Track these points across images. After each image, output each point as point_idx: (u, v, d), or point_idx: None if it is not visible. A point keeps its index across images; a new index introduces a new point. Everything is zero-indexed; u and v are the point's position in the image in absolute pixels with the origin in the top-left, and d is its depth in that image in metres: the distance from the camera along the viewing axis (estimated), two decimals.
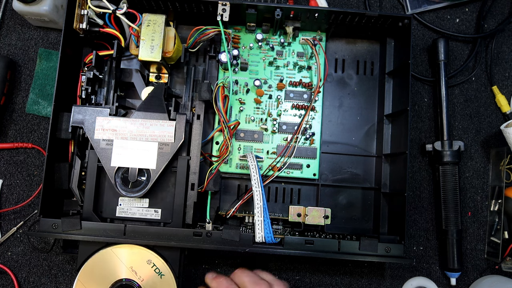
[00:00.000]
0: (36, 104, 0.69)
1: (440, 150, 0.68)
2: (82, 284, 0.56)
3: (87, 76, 0.60)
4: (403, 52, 0.65)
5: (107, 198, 0.61)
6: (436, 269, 0.69)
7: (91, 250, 0.57)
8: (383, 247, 0.59)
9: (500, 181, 0.69)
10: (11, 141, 0.69)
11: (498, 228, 0.69)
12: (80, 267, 0.57)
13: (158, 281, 0.57)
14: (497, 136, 0.72)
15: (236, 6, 0.61)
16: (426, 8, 0.74)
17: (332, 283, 0.69)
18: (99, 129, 0.58)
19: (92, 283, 0.57)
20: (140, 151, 0.58)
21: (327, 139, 0.69)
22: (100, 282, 0.57)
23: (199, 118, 0.62)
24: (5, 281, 0.66)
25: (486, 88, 0.73)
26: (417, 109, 0.72)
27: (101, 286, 0.57)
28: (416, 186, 0.71)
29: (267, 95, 0.67)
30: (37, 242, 0.67)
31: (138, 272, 0.57)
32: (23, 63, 0.70)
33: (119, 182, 0.59)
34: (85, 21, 0.61)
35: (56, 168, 0.60)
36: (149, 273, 0.57)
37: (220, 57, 0.63)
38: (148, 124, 0.58)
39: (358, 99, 0.70)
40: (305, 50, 0.68)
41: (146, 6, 0.63)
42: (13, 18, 0.71)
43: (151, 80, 0.65)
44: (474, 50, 0.73)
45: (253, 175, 0.58)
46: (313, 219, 0.62)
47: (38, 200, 0.66)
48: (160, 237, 0.57)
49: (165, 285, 0.57)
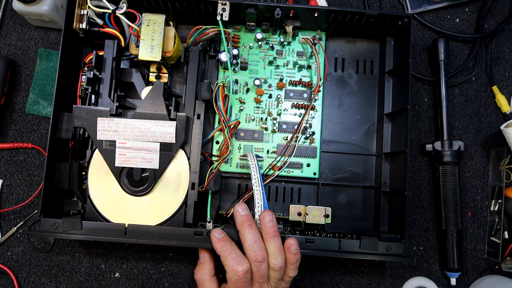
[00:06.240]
0: (36, 104, 0.69)
1: (440, 150, 0.68)
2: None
3: (87, 76, 0.60)
4: (403, 51, 0.65)
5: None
6: (436, 269, 0.69)
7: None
8: (383, 245, 0.59)
9: (500, 181, 0.69)
10: (11, 141, 0.69)
11: (498, 228, 0.69)
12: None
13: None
14: (497, 136, 0.72)
15: (235, 5, 0.61)
16: (426, 8, 0.74)
17: (332, 283, 0.69)
18: (101, 130, 0.58)
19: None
20: (142, 152, 0.58)
21: (327, 138, 0.69)
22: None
23: (199, 118, 0.62)
24: (5, 281, 0.66)
25: (486, 88, 0.74)
26: (417, 109, 0.72)
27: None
28: (416, 186, 0.71)
29: (267, 94, 0.67)
30: (37, 242, 0.67)
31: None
32: (23, 63, 0.70)
33: (126, 182, 0.59)
34: (85, 21, 0.61)
35: (56, 168, 0.60)
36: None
37: (220, 56, 0.64)
38: (149, 125, 0.58)
39: (358, 98, 0.70)
40: (305, 49, 0.68)
41: (146, 6, 0.63)
42: (13, 18, 0.71)
43: (151, 80, 0.65)
44: (474, 50, 0.73)
45: (254, 175, 0.58)
46: (314, 218, 0.62)
47: (38, 200, 0.66)
48: (161, 236, 0.57)
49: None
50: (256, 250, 0.54)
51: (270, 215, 0.55)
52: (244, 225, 0.55)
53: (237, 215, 0.56)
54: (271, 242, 0.54)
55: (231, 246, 0.55)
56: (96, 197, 0.60)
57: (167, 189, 0.60)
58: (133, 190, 0.59)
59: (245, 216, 0.55)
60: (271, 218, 0.55)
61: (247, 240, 0.54)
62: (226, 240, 0.55)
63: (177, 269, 0.68)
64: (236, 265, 0.53)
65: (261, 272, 0.54)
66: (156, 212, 0.60)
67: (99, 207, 0.59)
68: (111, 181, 0.59)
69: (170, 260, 0.68)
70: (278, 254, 0.54)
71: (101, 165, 0.60)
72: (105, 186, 0.60)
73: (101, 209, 0.59)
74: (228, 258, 0.54)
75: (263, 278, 0.54)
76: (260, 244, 0.54)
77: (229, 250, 0.54)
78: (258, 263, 0.53)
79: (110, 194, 0.60)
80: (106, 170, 0.59)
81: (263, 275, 0.54)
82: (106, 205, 0.60)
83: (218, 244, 0.55)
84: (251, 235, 0.54)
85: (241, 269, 0.53)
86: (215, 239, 0.56)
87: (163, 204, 0.60)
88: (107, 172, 0.59)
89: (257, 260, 0.53)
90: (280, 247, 0.55)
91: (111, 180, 0.59)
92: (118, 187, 0.59)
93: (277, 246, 0.54)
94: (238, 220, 0.55)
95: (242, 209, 0.56)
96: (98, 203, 0.59)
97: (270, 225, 0.55)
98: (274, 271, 0.54)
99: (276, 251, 0.54)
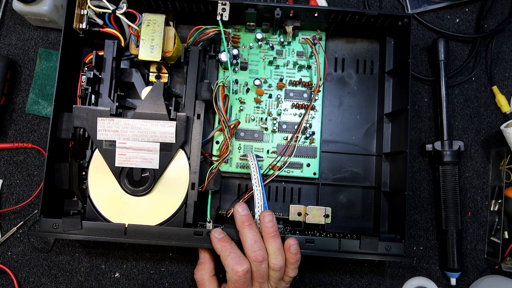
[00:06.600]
0: (36, 104, 0.69)
1: (440, 150, 0.68)
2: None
3: (87, 76, 0.60)
4: (403, 51, 0.65)
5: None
6: (436, 269, 0.69)
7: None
8: (383, 245, 0.59)
9: (500, 181, 0.69)
10: (11, 141, 0.69)
11: (498, 228, 0.69)
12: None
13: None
14: (497, 136, 0.72)
15: (236, 5, 0.61)
16: (426, 8, 0.74)
17: (332, 283, 0.69)
18: (101, 130, 0.58)
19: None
20: (142, 152, 0.58)
21: (327, 138, 0.69)
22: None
23: (199, 118, 0.62)
24: (5, 281, 0.66)
25: (486, 88, 0.74)
26: (417, 109, 0.72)
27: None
28: (416, 186, 0.71)
29: (267, 94, 0.67)
30: (37, 242, 0.67)
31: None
32: (23, 63, 0.70)
33: (126, 182, 0.59)
34: (85, 21, 0.61)
35: (56, 168, 0.60)
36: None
37: (220, 56, 0.64)
38: (149, 125, 0.58)
39: (358, 98, 0.70)
40: (305, 49, 0.68)
41: (146, 6, 0.63)
42: (13, 18, 0.71)
43: (151, 80, 0.65)
44: (474, 50, 0.73)
45: (254, 175, 0.58)
46: (314, 218, 0.62)
47: (38, 200, 0.66)
48: (161, 236, 0.57)
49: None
50: (256, 250, 0.54)
51: (270, 215, 0.55)
52: (244, 225, 0.55)
53: (237, 215, 0.56)
54: (271, 242, 0.54)
55: (231, 246, 0.55)
56: (96, 197, 0.60)
57: (167, 189, 0.60)
58: (133, 190, 0.59)
59: (245, 216, 0.55)
60: (271, 218, 0.55)
61: (247, 240, 0.54)
62: (226, 240, 0.55)
63: (177, 269, 0.68)
64: (236, 265, 0.53)
65: (261, 272, 0.54)
66: (156, 212, 0.60)
67: (99, 207, 0.59)
68: (111, 181, 0.59)
69: (170, 260, 0.68)
70: (278, 254, 0.54)
71: (101, 165, 0.59)
72: (105, 186, 0.60)
73: (101, 209, 0.59)
74: (228, 258, 0.54)
75: (263, 278, 0.54)
76: (260, 244, 0.54)
77: (229, 250, 0.54)
78: (258, 263, 0.53)
79: (110, 194, 0.60)
80: (106, 170, 0.59)
81: (263, 275, 0.54)
82: (106, 205, 0.59)
83: (218, 244, 0.55)
84: (251, 235, 0.54)
85: (241, 269, 0.53)
86: (215, 239, 0.56)
87: (163, 204, 0.60)
88: (107, 172, 0.59)
89: (257, 260, 0.53)
90: (280, 247, 0.55)
91: (111, 180, 0.59)
92: (118, 187, 0.59)
93: (277, 246, 0.54)
94: (238, 220, 0.55)
95: (242, 209, 0.56)
96: (98, 203, 0.59)
97: (270, 225, 0.55)
98: (274, 271, 0.54)
99: (276, 251, 0.54)
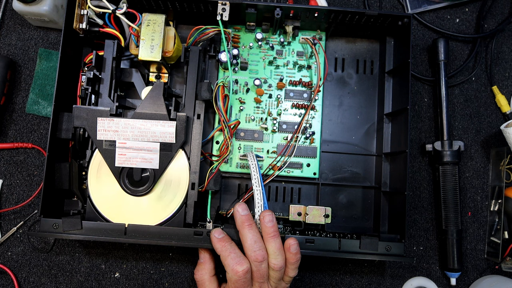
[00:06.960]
0: (36, 104, 0.69)
1: (440, 150, 0.68)
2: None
3: (87, 76, 0.60)
4: (403, 51, 0.65)
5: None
6: (436, 269, 0.69)
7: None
8: (383, 245, 0.59)
9: (500, 181, 0.69)
10: (11, 141, 0.69)
11: (498, 228, 0.68)
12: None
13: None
14: (497, 136, 0.72)
15: (235, 5, 0.61)
16: (426, 8, 0.74)
17: (332, 283, 0.69)
18: (101, 130, 0.58)
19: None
20: (142, 152, 0.58)
21: (327, 138, 0.69)
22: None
23: (199, 118, 0.62)
24: (5, 281, 0.66)
25: (486, 88, 0.74)
26: (417, 109, 0.72)
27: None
28: (416, 186, 0.71)
29: (267, 94, 0.67)
30: (37, 242, 0.67)
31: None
32: (23, 63, 0.70)
33: (126, 182, 0.59)
34: (85, 21, 0.61)
35: (56, 168, 0.60)
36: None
37: (220, 56, 0.64)
38: (149, 125, 0.58)
39: (358, 98, 0.70)
40: (305, 49, 0.68)
41: (146, 6, 0.63)
42: (13, 18, 0.71)
43: (151, 80, 0.65)
44: (474, 50, 0.73)
45: (254, 175, 0.58)
46: (314, 218, 0.62)
47: (38, 200, 0.66)
48: (161, 236, 0.57)
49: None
50: (256, 250, 0.54)
51: (270, 215, 0.55)
52: (244, 225, 0.55)
53: (237, 215, 0.56)
54: (271, 242, 0.54)
55: (231, 246, 0.55)
56: (96, 197, 0.60)
57: (167, 189, 0.60)
58: (133, 190, 0.59)
59: (245, 216, 0.55)
60: (271, 218, 0.55)
61: (247, 240, 0.54)
62: (226, 240, 0.55)
63: (177, 269, 0.68)
64: (236, 265, 0.53)
65: (261, 272, 0.54)
66: (156, 212, 0.60)
67: (99, 207, 0.59)
68: (111, 181, 0.59)
69: (170, 260, 0.68)
70: (278, 254, 0.54)
71: (101, 165, 0.60)
72: (105, 186, 0.60)
73: (101, 209, 0.59)
74: (228, 258, 0.54)
75: (263, 278, 0.54)
76: (260, 244, 0.54)
77: (229, 250, 0.54)
78: (258, 263, 0.53)
79: (110, 194, 0.60)
80: (106, 170, 0.59)
81: (263, 275, 0.54)
82: (106, 205, 0.59)
83: (218, 244, 0.55)
84: (251, 235, 0.54)
85: (241, 269, 0.53)
86: (215, 239, 0.56)
87: (163, 204, 0.60)
88: (107, 172, 0.59)
89: (257, 260, 0.53)
90: (280, 247, 0.55)
91: (111, 180, 0.59)
92: (118, 187, 0.59)
93: (277, 246, 0.54)
94: (238, 220, 0.55)
95: (242, 209, 0.56)
96: (98, 203, 0.59)
97: (270, 225, 0.55)
98: (274, 271, 0.54)
99: (276, 251, 0.54)
